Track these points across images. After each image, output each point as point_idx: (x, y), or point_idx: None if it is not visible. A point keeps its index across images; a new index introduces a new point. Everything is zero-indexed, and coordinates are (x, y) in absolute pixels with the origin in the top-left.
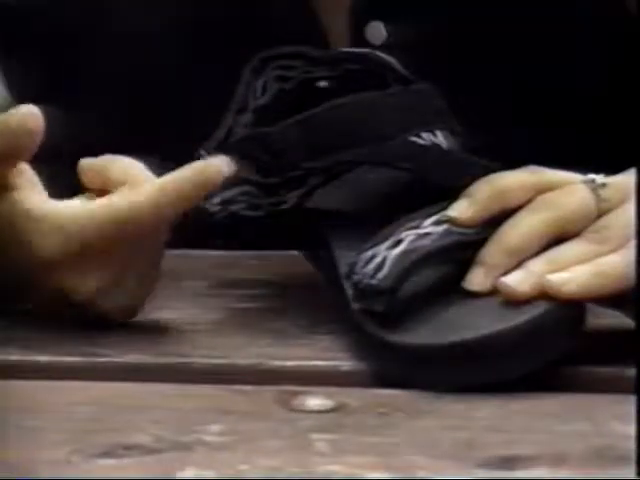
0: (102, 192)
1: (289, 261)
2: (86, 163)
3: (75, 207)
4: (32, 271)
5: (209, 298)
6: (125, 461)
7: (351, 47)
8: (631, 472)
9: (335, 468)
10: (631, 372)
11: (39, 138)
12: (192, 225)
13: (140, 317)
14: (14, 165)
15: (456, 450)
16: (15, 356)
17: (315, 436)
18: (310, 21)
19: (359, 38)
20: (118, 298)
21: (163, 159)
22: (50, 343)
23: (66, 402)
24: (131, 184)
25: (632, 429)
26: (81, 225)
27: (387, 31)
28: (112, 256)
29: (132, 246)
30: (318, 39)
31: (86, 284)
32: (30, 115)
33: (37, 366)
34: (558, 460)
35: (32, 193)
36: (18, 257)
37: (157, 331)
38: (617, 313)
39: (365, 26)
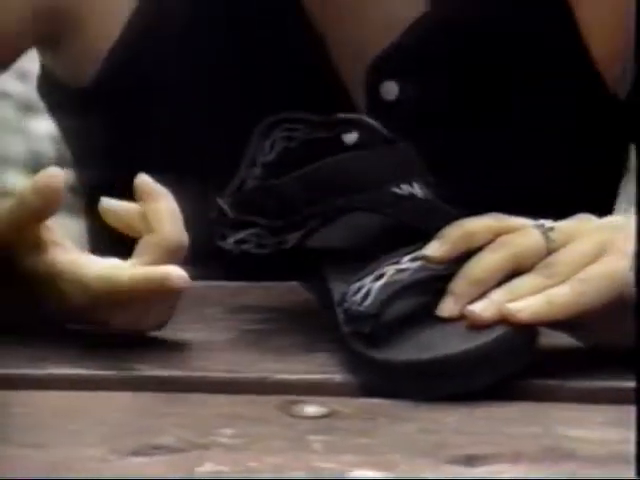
0: None
1: (290, 290)
2: (107, 205)
3: (100, 266)
4: (67, 311)
5: (223, 321)
6: (154, 459)
7: (368, 101)
8: (576, 467)
9: (328, 465)
10: (574, 384)
11: (60, 197)
12: (211, 260)
13: (165, 337)
14: (41, 222)
15: (429, 449)
16: (55, 370)
17: (312, 438)
18: (328, 81)
19: (375, 94)
20: (144, 327)
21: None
22: (86, 359)
23: (103, 409)
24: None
25: (574, 432)
26: (104, 285)
27: (400, 90)
28: (134, 304)
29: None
30: (336, 95)
31: (114, 322)
32: (52, 177)
33: (77, 378)
34: (514, 457)
35: (61, 251)
36: (57, 301)
37: (180, 349)
38: (565, 335)
39: (380, 84)
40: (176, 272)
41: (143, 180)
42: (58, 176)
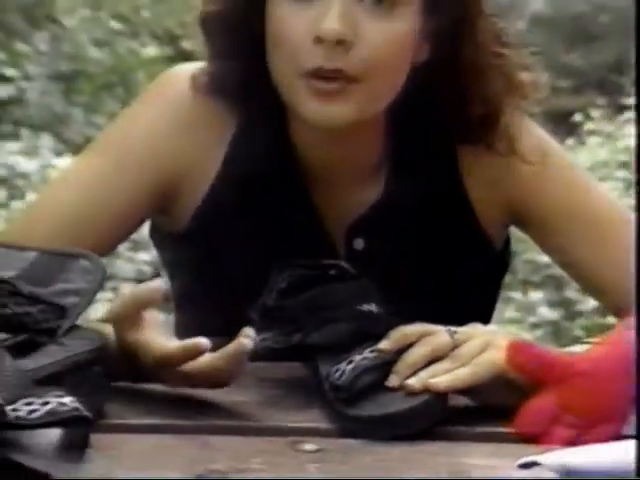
0: None
1: (296, 368)
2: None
3: (162, 341)
4: (144, 372)
5: (255, 388)
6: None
7: (345, 251)
8: None
9: None
10: (472, 429)
11: (156, 299)
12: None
13: (217, 398)
14: (140, 313)
15: (383, 472)
16: (143, 420)
17: (310, 465)
18: (324, 238)
19: (350, 247)
20: (212, 385)
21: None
22: (163, 412)
23: (176, 446)
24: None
25: (473, 460)
26: (160, 352)
27: (365, 243)
28: (180, 364)
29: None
30: (328, 247)
31: (170, 381)
32: (152, 285)
33: (158, 425)
34: (438, 477)
35: (149, 332)
36: (136, 365)
37: (227, 405)
38: (465, 398)
39: (353, 240)
40: (202, 341)
41: (248, 335)
42: (155, 285)
